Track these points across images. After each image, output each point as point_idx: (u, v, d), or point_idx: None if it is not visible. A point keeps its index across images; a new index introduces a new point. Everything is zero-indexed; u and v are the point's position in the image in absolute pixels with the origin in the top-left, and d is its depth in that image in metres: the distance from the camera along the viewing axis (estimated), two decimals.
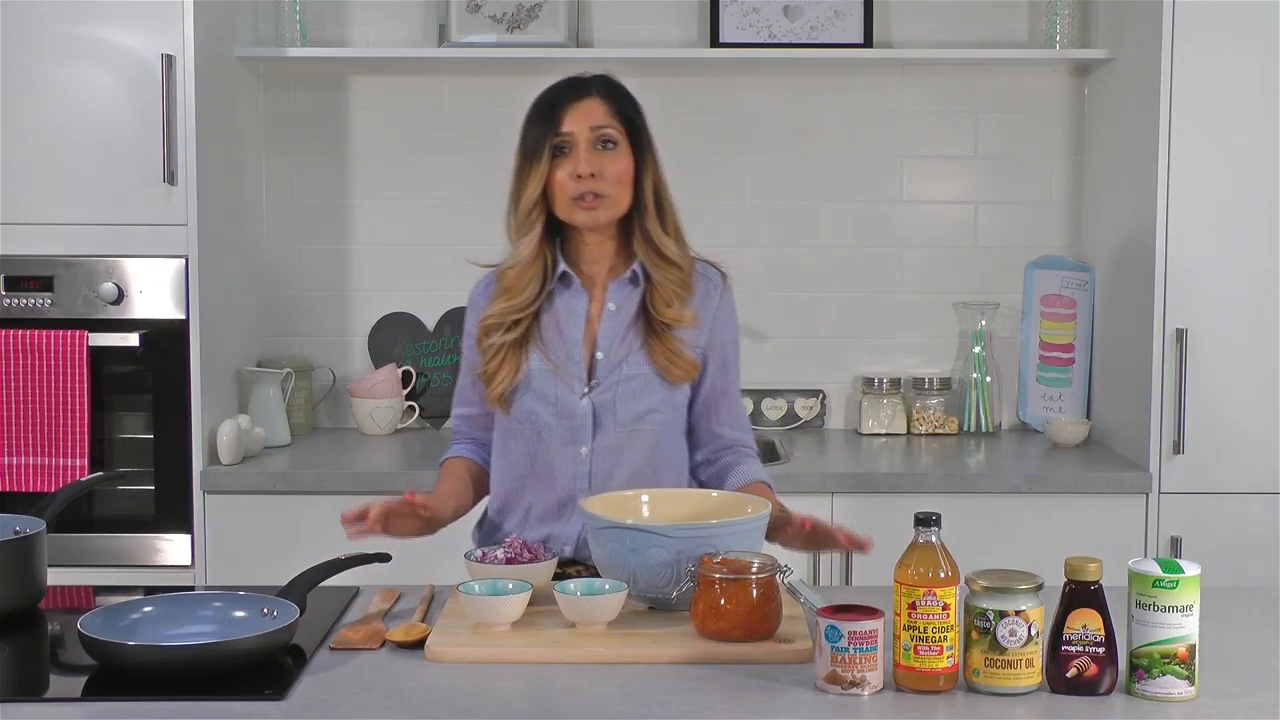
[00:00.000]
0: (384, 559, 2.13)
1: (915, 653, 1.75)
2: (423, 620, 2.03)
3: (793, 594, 1.95)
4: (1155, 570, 1.73)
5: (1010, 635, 1.73)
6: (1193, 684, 1.74)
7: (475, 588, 1.98)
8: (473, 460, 2.42)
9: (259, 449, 3.38)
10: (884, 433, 3.70)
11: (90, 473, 3.16)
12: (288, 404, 3.55)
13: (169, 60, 3.15)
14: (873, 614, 1.74)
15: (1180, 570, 1.73)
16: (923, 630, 1.74)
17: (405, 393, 3.71)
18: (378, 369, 3.73)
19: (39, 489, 3.14)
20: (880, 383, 3.71)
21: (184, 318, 3.21)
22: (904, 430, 3.71)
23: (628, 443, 2.29)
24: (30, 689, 1.89)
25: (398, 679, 1.82)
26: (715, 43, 3.65)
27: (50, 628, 2.11)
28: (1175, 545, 3.18)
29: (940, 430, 3.70)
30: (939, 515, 1.78)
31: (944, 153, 3.79)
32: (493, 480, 2.38)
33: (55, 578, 2.21)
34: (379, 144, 3.78)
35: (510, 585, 1.98)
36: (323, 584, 2.03)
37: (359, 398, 3.67)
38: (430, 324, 3.77)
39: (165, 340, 3.21)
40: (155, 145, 3.16)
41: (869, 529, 3.15)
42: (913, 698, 1.75)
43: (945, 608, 1.74)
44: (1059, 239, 3.78)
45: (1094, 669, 1.74)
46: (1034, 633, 1.74)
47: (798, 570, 2.00)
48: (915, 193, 3.80)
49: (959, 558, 1.77)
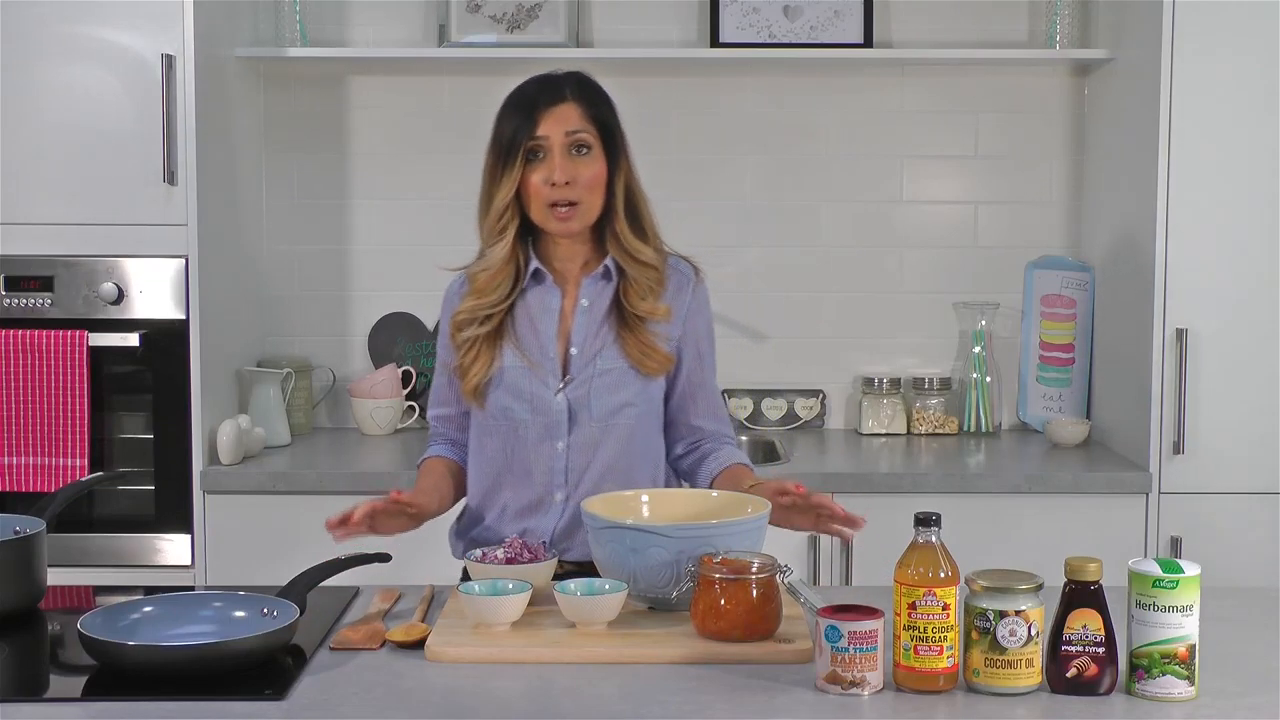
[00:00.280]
0: (384, 559, 2.13)
1: (915, 653, 1.75)
2: (423, 620, 2.03)
3: (793, 594, 1.94)
4: (1155, 570, 1.73)
5: (1010, 635, 1.73)
6: (1193, 684, 1.74)
7: (475, 588, 1.99)
8: (451, 459, 2.43)
9: (259, 449, 3.38)
10: (884, 433, 3.70)
11: (90, 473, 3.16)
12: (288, 404, 3.55)
13: (169, 60, 3.15)
14: (873, 614, 1.74)
15: (1180, 570, 1.73)
16: (923, 630, 1.74)
17: (405, 393, 3.71)
18: (378, 369, 3.73)
19: (39, 489, 3.14)
20: (880, 383, 3.71)
21: (184, 318, 3.21)
22: (904, 430, 3.71)
23: (603, 437, 2.29)
24: (30, 689, 1.89)
25: (398, 679, 1.82)
26: (715, 43, 3.65)
27: (50, 628, 2.11)
28: (1175, 545, 3.18)
29: (940, 430, 3.70)
30: (939, 515, 1.78)
31: (944, 153, 3.79)
32: (469, 477, 2.39)
33: (55, 578, 2.21)
34: (379, 144, 3.78)
35: (510, 585, 1.98)
36: (323, 584, 2.03)
37: (359, 398, 3.67)
38: (430, 324, 3.77)
39: (165, 340, 3.21)
40: (155, 145, 3.16)
41: (869, 529, 3.15)
42: (913, 698, 1.75)
43: (945, 608, 1.74)
44: (1059, 239, 3.78)
45: (1094, 669, 1.74)
46: (1034, 633, 1.74)
47: (798, 570, 2.00)
48: (915, 193, 3.79)
49: (959, 558, 1.77)
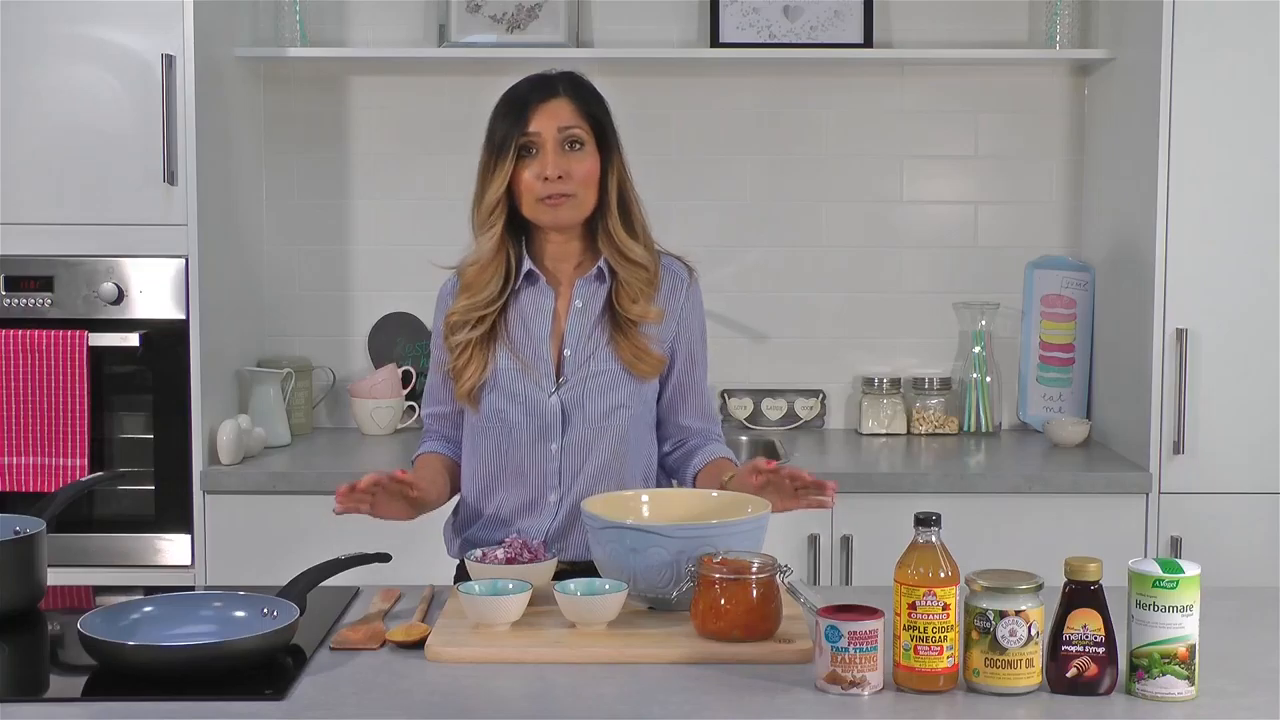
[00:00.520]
0: (384, 559, 2.12)
1: (915, 653, 1.75)
2: (423, 620, 2.03)
3: (793, 594, 1.94)
4: (1155, 570, 1.73)
5: (1010, 635, 1.73)
6: (1193, 684, 1.74)
7: (475, 588, 1.98)
8: (446, 456, 2.43)
9: (259, 449, 3.38)
10: (884, 433, 3.70)
11: (90, 473, 3.16)
12: (288, 404, 3.55)
13: (169, 60, 3.15)
14: (873, 614, 1.74)
15: (1180, 570, 1.73)
16: (923, 630, 1.74)
17: (405, 393, 3.71)
18: (378, 369, 3.73)
19: (39, 489, 3.14)
20: (880, 383, 3.71)
21: (184, 318, 3.21)
22: (904, 430, 3.71)
23: (597, 439, 2.30)
24: (30, 689, 1.89)
25: (398, 679, 1.82)
26: (715, 43, 3.65)
27: (50, 628, 2.11)
28: (1175, 545, 3.18)
29: (940, 430, 3.70)
30: (939, 515, 1.78)
31: (944, 153, 3.79)
32: (463, 477, 2.39)
33: (55, 578, 2.21)
34: (379, 144, 3.78)
35: (510, 585, 1.98)
36: (323, 584, 2.02)
37: (359, 398, 3.67)
38: (430, 324, 3.77)
39: (165, 340, 3.21)
40: (155, 145, 3.16)
41: (869, 529, 3.15)
42: (913, 698, 1.75)
43: (945, 608, 1.74)
44: (1059, 239, 3.78)
45: (1094, 669, 1.74)
46: (1034, 633, 1.74)
47: (798, 570, 2.00)
48: (915, 193, 3.79)
49: (959, 558, 1.77)
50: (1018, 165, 3.78)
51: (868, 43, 3.65)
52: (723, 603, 1.88)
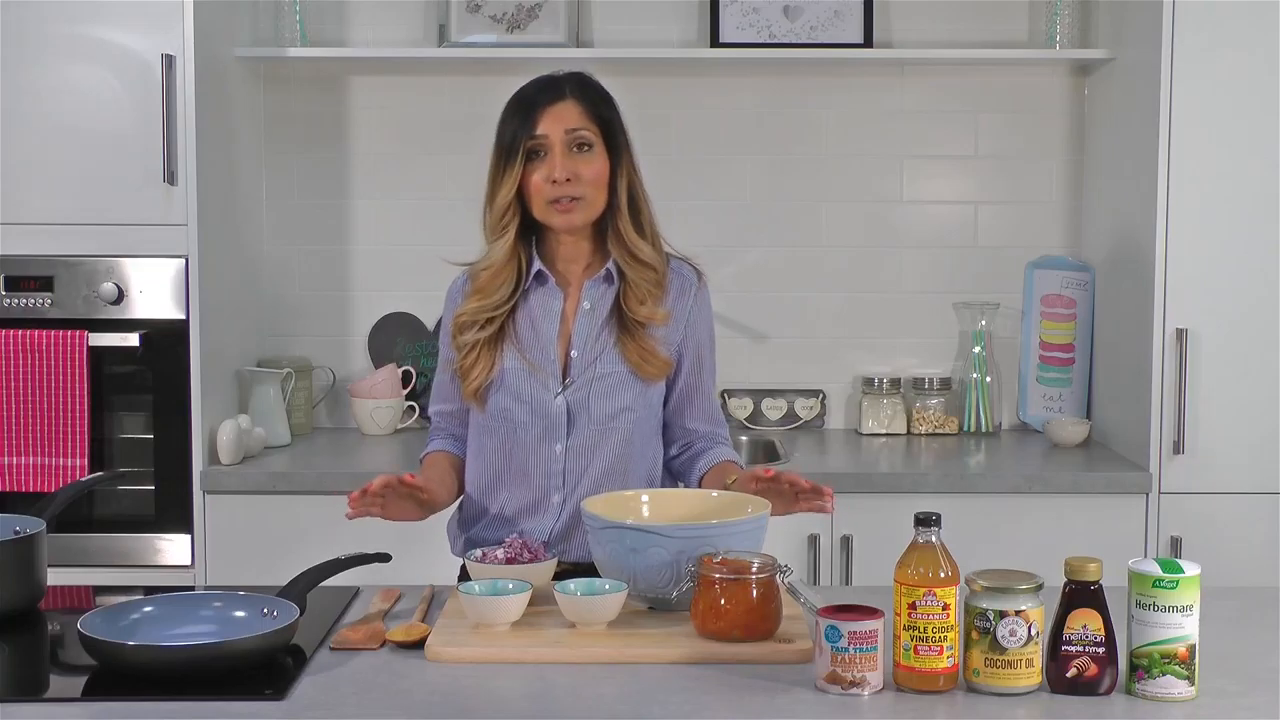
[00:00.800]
0: (384, 559, 2.12)
1: (915, 653, 1.75)
2: (423, 620, 2.03)
3: (793, 594, 1.94)
4: (1155, 570, 1.73)
5: (1010, 635, 1.73)
6: (1193, 684, 1.74)
7: (475, 588, 1.99)
8: (454, 454, 2.43)
9: (259, 449, 3.38)
10: (884, 433, 3.70)
11: (90, 473, 3.16)
12: (288, 404, 3.55)
13: (169, 60, 3.15)
14: (873, 614, 1.74)
15: (1180, 570, 1.73)
16: (923, 630, 1.74)
17: (405, 393, 3.71)
18: (378, 369, 3.73)
19: (39, 489, 3.14)
20: (880, 383, 3.71)
21: (184, 318, 3.21)
22: (904, 430, 3.71)
23: (602, 440, 2.30)
24: (30, 689, 1.89)
25: (398, 679, 1.82)
26: (715, 43, 3.65)
27: (50, 628, 2.11)
28: (1175, 545, 3.18)
29: (940, 430, 3.70)
30: (939, 515, 1.78)
31: (944, 153, 3.79)
32: (467, 477, 2.39)
33: (55, 578, 2.21)
34: (379, 144, 3.78)
35: (510, 585, 1.98)
36: (323, 584, 2.02)
37: (359, 398, 3.67)
38: (430, 324, 3.77)
39: (165, 340, 3.21)
40: (155, 145, 3.16)
41: (869, 529, 3.15)
42: (913, 698, 1.75)
43: (945, 608, 1.74)
44: (1059, 239, 3.78)
45: (1094, 669, 1.74)
46: (1034, 633, 1.74)
47: (798, 570, 2.00)
48: (915, 193, 3.79)
49: (959, 558, 1.77)
50: (1018, 165, 3.78)
51: (868, 43, 3.65)
52: (723, 603, 1.88)
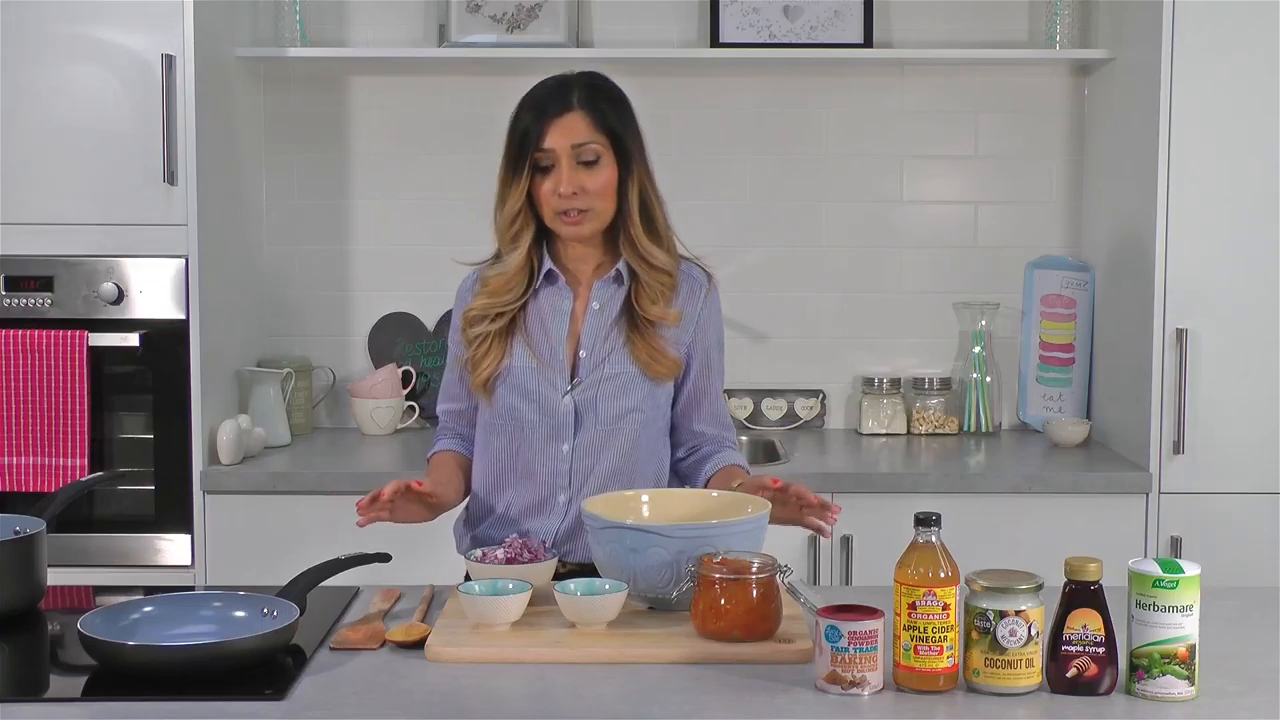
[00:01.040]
0: (384, 559, 2.12)
1: (915, 653, 1.75)
2: (423, 620, 2.03)
3: (793, 594, 1.94)
4: (1155, 570, 1.73)
5: (1010, 635, 1.73)
6: (1193, 684, 1.74)
7: (475, 588, 1.99)
8: (461, 453, 2.43)
9: (259, 449, 3.38)
10: (884, 433, 3.70)
11: (90, 473, 3.16)
12: (288, 404, 3.55)
13: (169, 60, 3.15)
14: (873, 614, 1.74)
15: (1180, 570, 1.73)
16: (923, 630, 1.74)
17: (405, 393, 3.71)
18: (378, 369, 3.73)
19: (39, 489, 3.14)
20: (880, 383, 3.71)
21: (184, 318, 3.21)
22: (904, 430, 3.71)
23: (608, 441, 2.30)
24: (30, 689, 1.89)
25: (398, 679, 1.82)
26: (715, 43, 3.65)
27: (50, 628, 2.11)
28: (1175, 545, 3.18)
29: (940, 430, 3.70)
30: (939, 515, 1.78)
31: (944, 153, 3.79)
32: (474, 475, 2.39)
33: (55, 578, 2.21)
34: (379, 144, 3.78)
35: (510, 585, 1.98)
36: (323, 584, 2.02)
37: (359, 398, 3.67)
38: (430, 324, 3.77)
39: (165, 340, 3.21)
40: (155, 145, 3.16)
41: (869, 529, 3.15)
42: (913, 698, 1.75)
43: (945, 608, 1.74)
44: (1059, 239, 3.78)
45: (1094, 669, 1.74)
46: (1034, 633, 1.74)
47: (798, 570, 2.00)
48: (915, 193, 3.79)
49: (959, 558, 1.77)
50: (1018, 165, 3.78)
51: (868, 43, 3.65)
52: (723, 603, 1.88)
